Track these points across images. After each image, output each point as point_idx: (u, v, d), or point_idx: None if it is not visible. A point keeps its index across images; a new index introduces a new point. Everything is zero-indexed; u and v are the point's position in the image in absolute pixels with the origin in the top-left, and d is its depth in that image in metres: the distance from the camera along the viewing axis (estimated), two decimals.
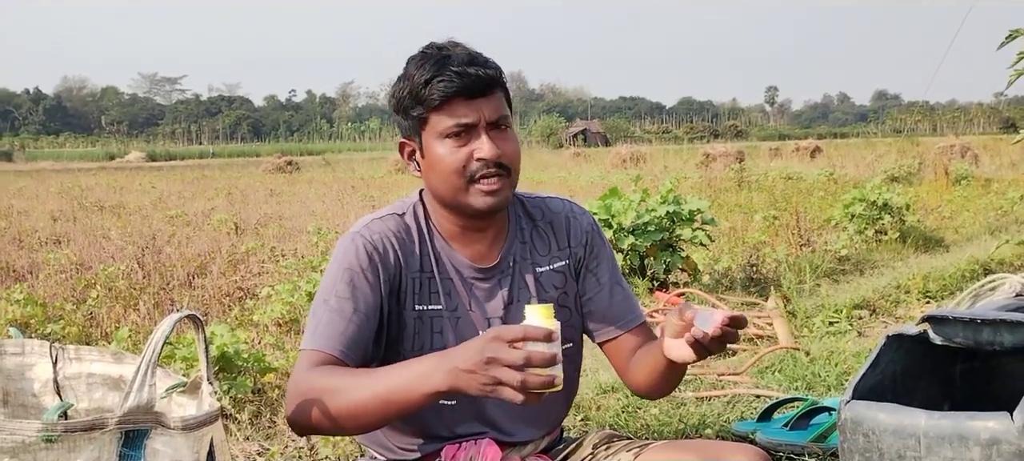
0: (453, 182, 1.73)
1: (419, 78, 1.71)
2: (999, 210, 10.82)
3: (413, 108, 1.74)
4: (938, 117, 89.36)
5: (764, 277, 6.37)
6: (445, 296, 1.82)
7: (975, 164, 20.38)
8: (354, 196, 16.15)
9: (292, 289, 5.72)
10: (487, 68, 1.72)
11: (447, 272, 1.83)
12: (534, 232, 1.91)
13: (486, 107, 1.71)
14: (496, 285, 1.85)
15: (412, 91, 1.73)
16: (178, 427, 1.49)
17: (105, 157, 54.64)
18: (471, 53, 1.73)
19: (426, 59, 1.72)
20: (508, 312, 1.85)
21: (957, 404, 1.86)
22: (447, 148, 1.72)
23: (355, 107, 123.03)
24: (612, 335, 1.91)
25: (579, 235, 1.93)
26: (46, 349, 1.89)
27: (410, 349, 1.81)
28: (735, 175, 17.48)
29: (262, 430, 3.44)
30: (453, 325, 1.82)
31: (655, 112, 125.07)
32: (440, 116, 1.71)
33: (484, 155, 1.70)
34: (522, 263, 1.88)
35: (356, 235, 1.80)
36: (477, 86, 1.70)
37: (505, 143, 1.74)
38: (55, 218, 12.33)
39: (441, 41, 1.77)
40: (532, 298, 1.86)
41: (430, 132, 1.73)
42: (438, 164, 1.74)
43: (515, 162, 1.77)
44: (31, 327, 4.96)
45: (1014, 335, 1.58)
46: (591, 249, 1.94)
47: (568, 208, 1.96)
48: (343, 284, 1.74)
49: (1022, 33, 3.47)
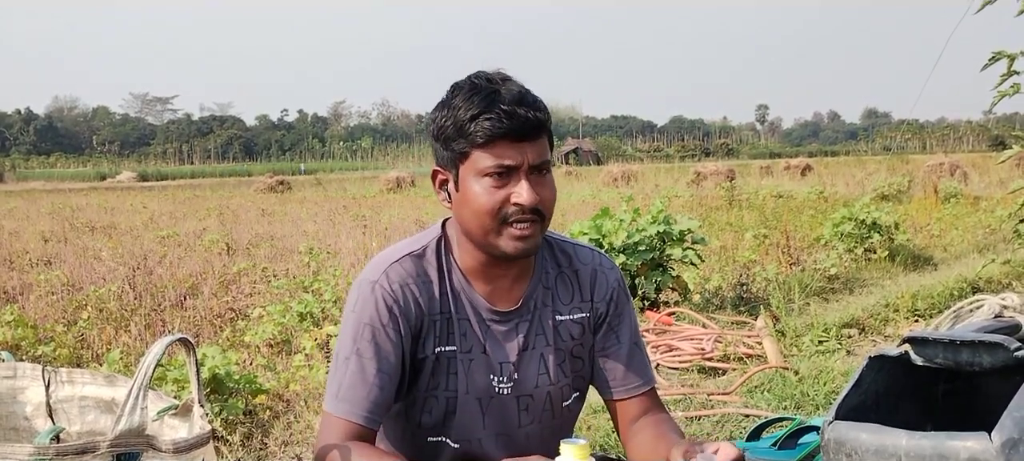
0: (485, 223, 1.68)
1: (465, 112, 1.64)
2: (988, 228, 10.89)
3: (455, 140, 1.67)
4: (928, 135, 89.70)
5: (754, 296, 6.41)
6: (461, 337, 1.78)
7: (964, 182, 20.50)
8: (346, 215, 16.16)
9: (283, 310, 5.73)
10: (536, 110, 1.66)
11: (465, 312, 1.79)
12: (559, 278, 1.87)
13: (531, 151, 1.66)
14: (513, 329, 1.81)
15: (456, 123, 1.66)
16: (170, 450, 1.50)
17: (96, 177, 54.51)
18: (521, 91, 1.67)
19: (475, 92, 1.66)
20: (521, 359, 1.81)
21: (939, 424, 1.88)
22: (484, 187, 1.66)
23: (347, 126, 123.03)
24: (622, 396, 1.87)
25: (605, 290, 1.89)
26: (38, 372, 1.90)
27: (425, 389, 1.78)
28: (726, 193, 17.54)
29: (254, 452, 3.44)
30: (466, 367, 1.78)
31: (646, 131, 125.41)
32: (483, 154, 1.65)
33: (522, 201, 1.65)
34: (543, 310, 1.84)
35: (375, 285, 1.74)
36: (525, 129, 1.64)
37: (543, 189, 1.69)
38: (46, 239, 12.31)
39: (491, 72, 1.71)
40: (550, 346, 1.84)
41: (469, 167, 1.67)
42: (473, 202, 1.68)
43: (551, 208, 1.72)
44: (22, 349, 4.96)
45: (993, 356, 1.61)
46: (616, 306, 1.89)
47: (597, 261, 1.91)
48: (365, 342, 1.71)
49: (1005, 55, 3.52)
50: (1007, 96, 3.64)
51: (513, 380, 1.81)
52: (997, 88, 3.66)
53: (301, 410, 3.93)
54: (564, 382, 1.86)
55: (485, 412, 1.81)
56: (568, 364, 1.86)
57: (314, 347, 4.88)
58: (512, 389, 1.81)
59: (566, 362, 1.85)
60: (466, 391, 1.79)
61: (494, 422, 1.82)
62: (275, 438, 3.63)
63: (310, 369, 4.51)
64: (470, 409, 1.79)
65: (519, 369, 1.81)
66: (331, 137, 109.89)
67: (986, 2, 3.62)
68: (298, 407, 3.98)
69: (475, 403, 1.80)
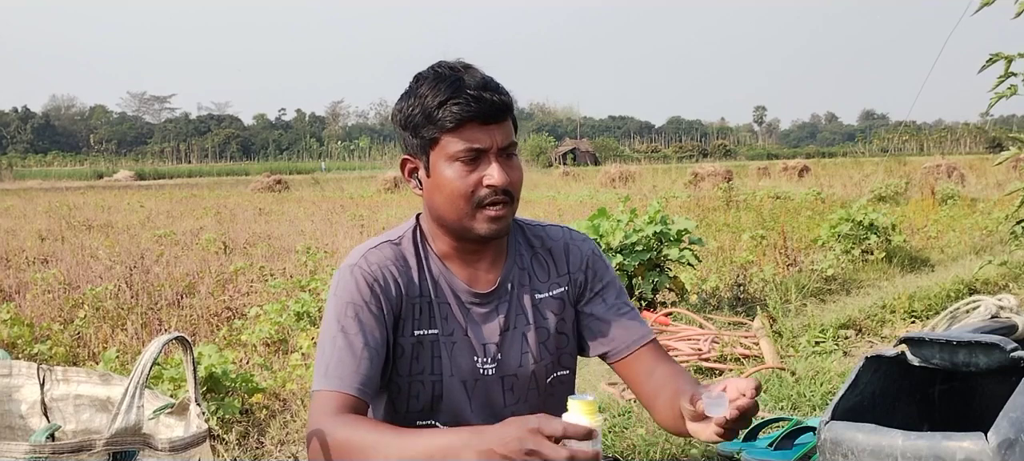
0: (459, 206, 1.73)
1: (433, 99, 1.69)
2: (984, 230, 10.89)
3: (424, 128, 1.72)
4: (925, 137, 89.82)
5: (751, 297, 6.41)
6: (442, 320, 1.81)
7: (961, 184, 20.52)
8: (343, 215, 16.15)
9: (280, 309, 5.73)
10: (501, 94, 1.72)
11: (444, 296, 1.82)
12: (534, 259, 1.91)
13: (499, 133, 1.71)
14: (494, 310, 1.85)
15: (424, 110, 1.71)
16: (166, 449, 1.50)
17: (94, 176, 54.44)
18: (485, 77, 1.72)
19: (440, 79, 1.71)
20: (503, 339, 1.84)
21: (936, 424, 1.89)
22: (456, 171, 1.71)
23: (345, 126, 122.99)
24: (623, 354, 1.88)
25: (579, 260, 1.93)
26: (34, 371, 1.90)
27: (408, 373, 1.80)
28: (723, 194, 17.55)
29: (250, 451, 3.44)
30: (449, 350, 1.81)
31: (644, 131, 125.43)
32: (452, 139, 1.70)
33: (494, 182, 1.71)
34: (520, 289, 1.87)
35: (354, 267, 1.78)
36: (491, 112, 1.69)
37: (512, 171, 1.74)
38: (43, 237, 12.29)
39: (451, 61, 1.76)
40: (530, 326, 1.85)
41: (439, 153, 1.72)
42: (446, 186, 1.72)
43: (519, 189, 1.78)
44: (18, 347, 4.95)
45: (989, 357, 1.61)
46: (595, 273, 1.93)
47: (567, 235, 1.96)
48: (350, 319, 1.73)
49: (1002, 57, 3.52)
50: (1004, 98, 3.64)
51: (497, 361, 1.84)
52: (994, 90, 3.66)
53: (297, 409, 3.93)
54: (548, 360, 1.89)
55: (470, 394, 1.83)
56: (552, 341, 1.89)
57: (311, 346, 4.88)
58: (496, 370, 1.85)
59: (549, 340, 1.88)
60: (450, 374, 1.82)
61: (480, 403, 1.84)
62: (271, 437, 3.63)
63: (307, 368, 4.51)
64: (456, 391, 1.82)
65: (502, 350, 1.84)
66: (329, 137, 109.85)
67: (984, 3, 3.62)
68: (294, 406, 3.98)
69: (460, 385, 1.82)
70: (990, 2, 3.56)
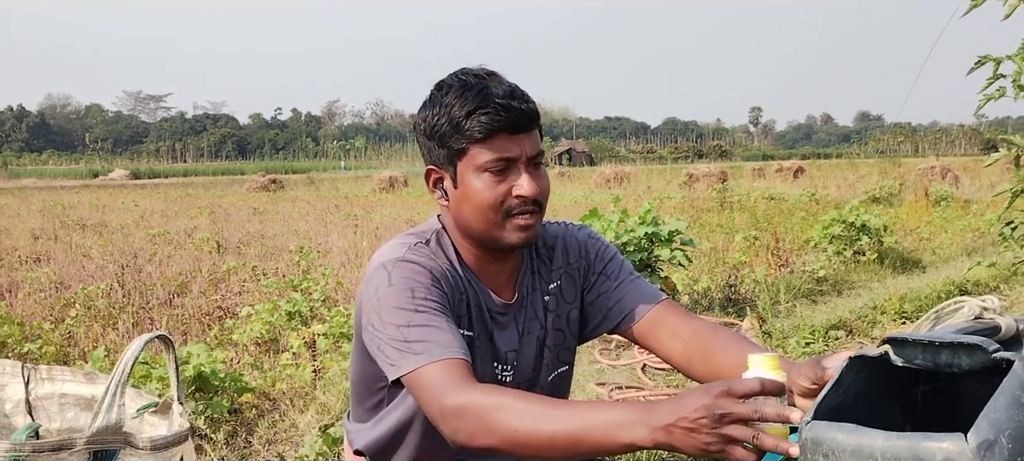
0: (488, 217, 1.70)
1: (460, 109, 1.65)
2: (977, 231, 10.93)
3: (451, 138, 1.68)
4: (920, 138, 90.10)
5: (742, 297, 6.42)
6: (472, 323, 1.78)
7: (955, 185, 20.58)
8: (337, 215, 16.14)
9: (272, 309, 5.73)
10: (528, 103, 1.69)
11: (476, 300, 1.79)
12: (538, 260, 1.91)
13: (528, 143, 1.69)
14: (512, 319, 1.84)
15: (451, 121, 1.66)
16: (147, 447, 1.50)
17: (89, 175, 54.36)
18: (511, 85, 1.69)
19: (466, 88, 1.67)
20: (523, 344, 1.84)
21: (919, 425, 1.89)
22: (485, 182, 1.67)
23: (341, 126, 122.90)
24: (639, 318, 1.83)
25: (576, 248, 1.92)
26: (18, 369, 1.89)
27: None
28: (718, 195, 17.57)
29: (237, 450, 3.44)
30: (477, 355, 1.78)
31: (640, 132, 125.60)
32: (481, 149, 1.66)
33: (524, 192, 1.67)
34: (532, 294, 1.87)
35: (401, 261, 1.69)
36: (520, 121, 1.66)
37: (541, 180, 1.72)
38: (36, 236, 12.27)
39: (475, 68, 1.72)
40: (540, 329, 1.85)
41: (467, 164, 1.68)
42: (475, 197, 1.69)
43: (547, 198, 1.75)
44: (8, 346, 4.94)
45: (971, 358, 1.61)
46: (596, 255, 1.92)
47: (563, 229, 1.96)
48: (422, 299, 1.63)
49: (990, 59, 3.52)
50: (993, 99, 3.65)
51: (514, 367, 1.84)
52: (983, 92, 3.67)
53: (286, 409, 3.93)
54: (549, 358, 1.89)
55: None
56: (553, 338, 1.89)
57: (301, 346, 4.87)
58: (513, 377, 1.84)
59: (551, 337, 1.88)
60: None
61: None
62: (259, 436, 3.63)
63: (297, 368, 4.51)
64: None
65: (519, 357, 1.84)
66: (324, 136, 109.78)
67: (973, 5, 3.63)
68: (284, 406, 3.97)
69: None
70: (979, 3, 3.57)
